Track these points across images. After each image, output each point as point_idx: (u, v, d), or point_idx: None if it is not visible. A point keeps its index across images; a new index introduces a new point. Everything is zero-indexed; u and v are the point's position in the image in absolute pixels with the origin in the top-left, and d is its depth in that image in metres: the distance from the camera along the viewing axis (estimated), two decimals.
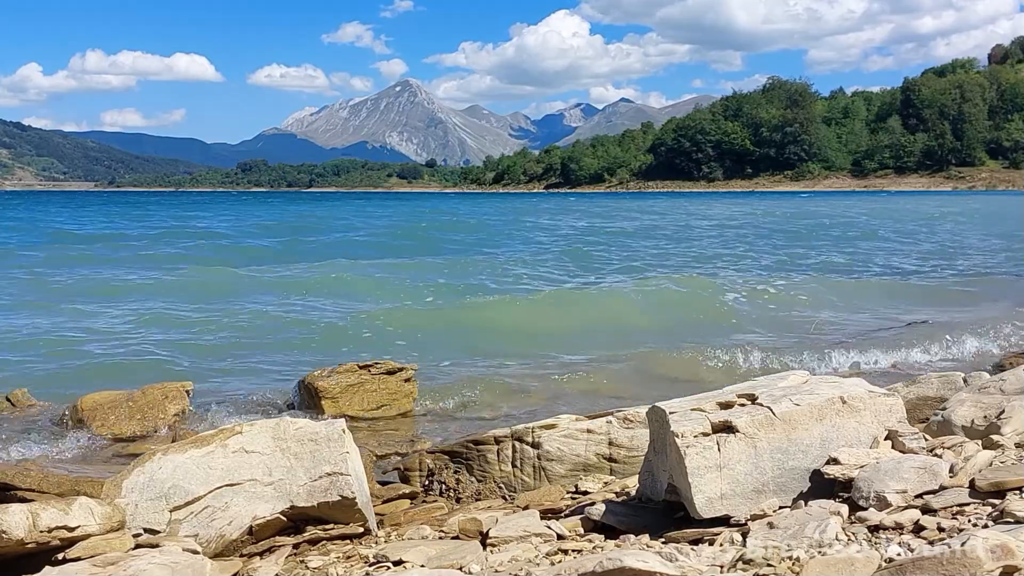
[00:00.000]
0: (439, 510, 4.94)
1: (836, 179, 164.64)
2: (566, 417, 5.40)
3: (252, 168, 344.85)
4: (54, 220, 48.85)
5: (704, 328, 12.48)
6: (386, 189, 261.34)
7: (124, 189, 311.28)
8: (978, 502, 3.14)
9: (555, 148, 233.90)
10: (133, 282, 17.44)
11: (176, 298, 15.04)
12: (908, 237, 32.25)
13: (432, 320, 12.68)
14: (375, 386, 7.94)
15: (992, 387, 5.10)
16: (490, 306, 13.90)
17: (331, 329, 11.99)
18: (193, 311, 13.43)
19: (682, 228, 39.33)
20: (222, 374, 9.50)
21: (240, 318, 12.70)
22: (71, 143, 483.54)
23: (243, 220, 48.22)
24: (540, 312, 13.56)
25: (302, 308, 14.05)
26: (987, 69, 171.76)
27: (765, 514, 3.49)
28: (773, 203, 75.59)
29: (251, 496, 4.19)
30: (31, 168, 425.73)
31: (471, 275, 19.05)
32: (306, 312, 13.58)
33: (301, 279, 17.79)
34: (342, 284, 16.95)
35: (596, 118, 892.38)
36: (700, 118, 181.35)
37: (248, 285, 16.99)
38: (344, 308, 13.95)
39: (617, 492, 4.51)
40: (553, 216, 53.67)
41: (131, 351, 10.51)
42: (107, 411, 7.31)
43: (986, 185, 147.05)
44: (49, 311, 13.55)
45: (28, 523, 3.52)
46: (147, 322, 12.46)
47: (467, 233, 36.03)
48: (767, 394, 3.83)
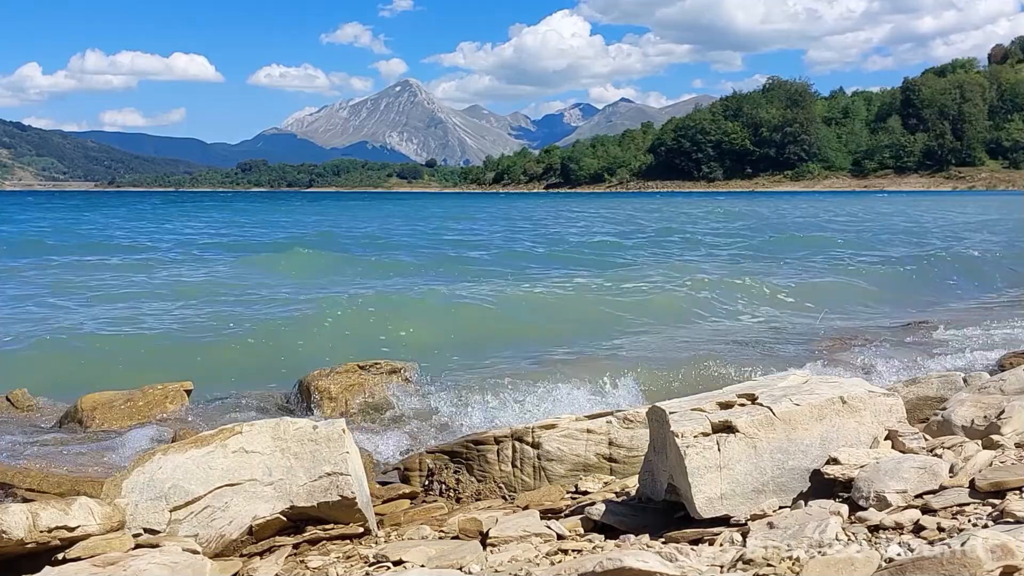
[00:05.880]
0: (439, 510, 4.94)
1: (836, 179, 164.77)
2: (566, 417, 5.40)
3: (252, 168, 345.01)
4: (95, 226, 42.54)
5: (704, 328, 12.49)
6: (386, 189, 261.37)
7: (124, 189, 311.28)
8: (978, 502, 3.14)
9: (555, 148, 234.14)
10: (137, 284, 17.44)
11: (176, 298, 15.04)
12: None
13: (432, 319, 12.67)
14: (375, 386, 7.94)
15: (992, 387, 5.11)
16: (493, 305, 13.89)
17: (331, 328, 11.98)
18: (194, 311, 13.43)
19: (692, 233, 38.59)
20: (222, 374, 9.49)
21: (241, 318, 12.70)
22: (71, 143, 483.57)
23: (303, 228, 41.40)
24: (544, 310, 13.58)
25: (303, 308, 14.04)
26: (987, 69, 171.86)
27: (765, 514, 3.49)
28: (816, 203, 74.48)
29: (251, 496, 4.19)
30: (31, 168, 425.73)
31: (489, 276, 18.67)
32: (307, 312, 13.57)
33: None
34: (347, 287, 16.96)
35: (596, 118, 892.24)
36: (700, 118, 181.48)
37: (250, 284, 16.99)
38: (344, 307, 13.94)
39: (617, 492, 4.51)
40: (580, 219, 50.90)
41: (132, 351, 10.51)
42: (107, 411, 7.31)
43: (986, 185, 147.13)
44: (51, 311, 13.55)
45: (28, 523, 3.52)
46: (147, 322, 12.46)
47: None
48: (767, 394, 3.83)
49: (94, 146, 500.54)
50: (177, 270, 19.82)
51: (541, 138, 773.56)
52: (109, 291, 16.13)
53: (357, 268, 20.44)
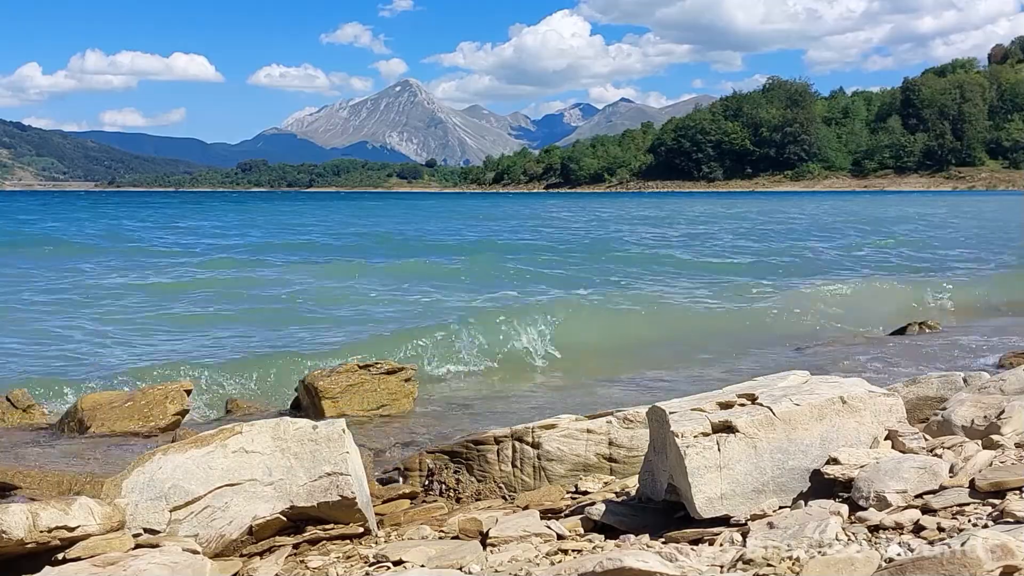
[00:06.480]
0: (439, 510, 4.93)
1: (836, 179, 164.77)
2: (566, 417, 5.40)
3: (252, 168, 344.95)
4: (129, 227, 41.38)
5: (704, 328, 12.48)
6: (386, 189, 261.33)
7: (124, 189, 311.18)
8: (978, 502, 3.14)
9: (555, 148, 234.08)
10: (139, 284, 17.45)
11: (177, 298, 15.04)
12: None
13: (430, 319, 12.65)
14: (375, 386, 7.94)
15: (992, 387, 5.10)
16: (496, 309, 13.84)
17: (331, 328, 11.98)
18: (194, 311, 13.43)
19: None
20: (223, 374, 9.49)
21: (240, 318, 12.71)
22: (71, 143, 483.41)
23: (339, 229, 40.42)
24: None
25: (303, 307, 14.05)
26: (987, 69, 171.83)
27: (765, 514, 3.49)
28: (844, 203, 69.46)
29: (251, 496, 4.19)
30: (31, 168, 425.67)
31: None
32: (307, 311, 13.58)
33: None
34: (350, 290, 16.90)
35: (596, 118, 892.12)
36: (700, 118, 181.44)
37: (250, 286, 16.99)
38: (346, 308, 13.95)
39: (617, 492, 4.51)
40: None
41: (132, 351, 10.52)
42: (107, 411, 7.31)
43: (986, 185, 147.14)
44: (54, 308, 13.55)
45: (28, 523, 3.52)
46: (147, 321, 12.46)
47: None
48: (767, 394, 3.83)
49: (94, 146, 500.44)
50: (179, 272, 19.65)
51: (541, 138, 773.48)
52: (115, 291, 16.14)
53: (526, 275, 18.89)
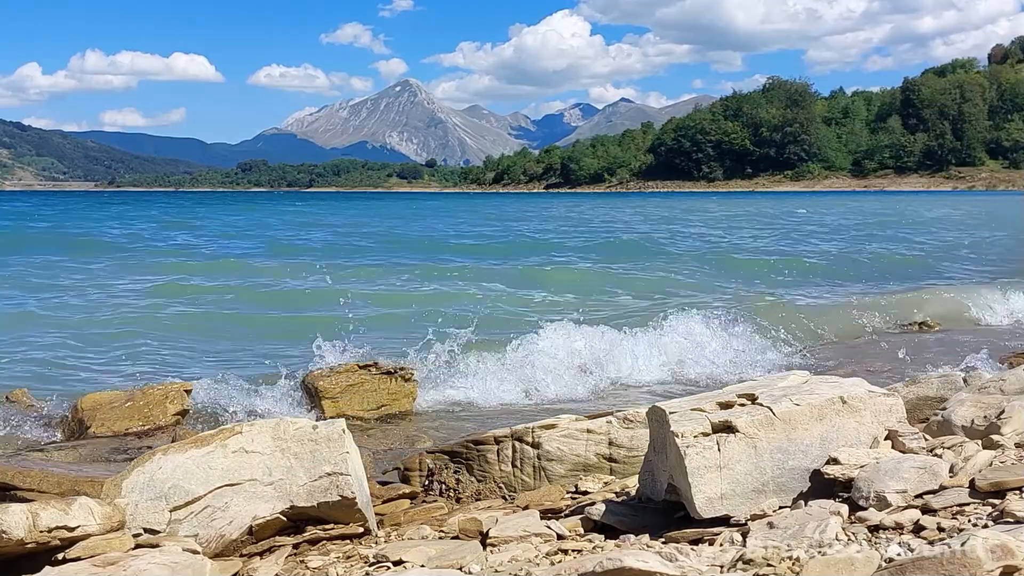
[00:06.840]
0: (439, 510, 4.93)
1: (836, 179, 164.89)
2: (566, 417, 5.40)
3: (252, 168, 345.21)
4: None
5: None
6: (386, 189, 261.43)
7: (124, 189, 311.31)
8: (978, 502, 3.14)
9: (555, 148, 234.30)
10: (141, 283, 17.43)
11: (176, 298, 15.03)
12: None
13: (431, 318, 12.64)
14: (375, 386, 7.94)
15: (992, 387, 5.11)
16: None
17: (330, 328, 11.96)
18: (194, 311, 13.43)
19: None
20: (222, 374, 9.48)
21: (241, 319, 12.70)
22: (71, 143, 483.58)
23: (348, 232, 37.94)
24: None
25: (303, 308, 14.04)
26: (987, 69, 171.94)
27: (765, 514, 3.49)
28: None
29: (251, 496, 4.19)
30: (31, 168, 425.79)
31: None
32: (306, 311, 13.57)
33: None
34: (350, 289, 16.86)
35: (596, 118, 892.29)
36: (700, 118, 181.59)
37: (253, 285, 16.99)
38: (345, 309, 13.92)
39: (617, 492, 4.51)
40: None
41: (132, 351, 10.51)
42: (107, 411, 7.30)
43: (986, 185, 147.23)
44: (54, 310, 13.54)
45: (28, 523, 3.52)
46: (148, 322, 12.45)
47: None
48: (767, 394, 3.83)
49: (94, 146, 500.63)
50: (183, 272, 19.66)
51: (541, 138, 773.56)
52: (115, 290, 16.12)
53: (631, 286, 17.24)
